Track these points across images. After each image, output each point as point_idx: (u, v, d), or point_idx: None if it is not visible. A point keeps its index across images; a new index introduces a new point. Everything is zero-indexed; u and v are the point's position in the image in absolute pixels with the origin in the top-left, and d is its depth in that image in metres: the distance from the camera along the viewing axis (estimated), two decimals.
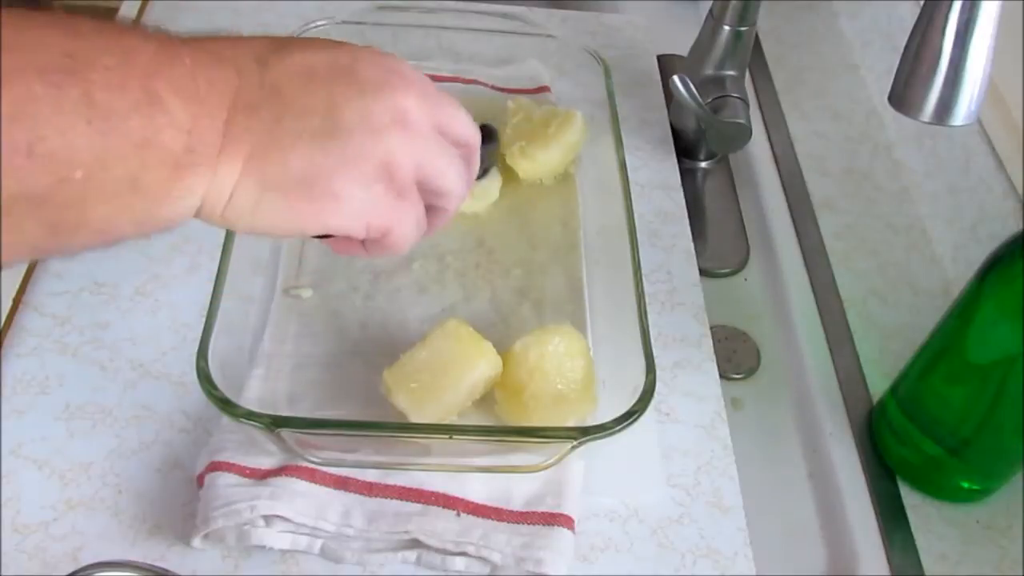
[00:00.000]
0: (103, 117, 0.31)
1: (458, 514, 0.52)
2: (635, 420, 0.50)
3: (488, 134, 0.61)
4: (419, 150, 0.41)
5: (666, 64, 0.86)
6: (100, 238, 0.34)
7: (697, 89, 0.71)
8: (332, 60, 0.39)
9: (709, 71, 0.74)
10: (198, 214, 0.37)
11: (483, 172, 0.63)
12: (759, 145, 0.80)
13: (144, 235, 0.35)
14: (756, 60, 0.87)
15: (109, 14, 0.84)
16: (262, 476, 0.51)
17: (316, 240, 0.44)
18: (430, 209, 0.44)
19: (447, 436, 0.51)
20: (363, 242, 0.43)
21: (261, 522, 0.50)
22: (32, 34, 0.30)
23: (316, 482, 0.52)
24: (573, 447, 0.50)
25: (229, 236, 0.56)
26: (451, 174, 0.43)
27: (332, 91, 0.38)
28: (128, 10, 0.83)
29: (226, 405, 0.49)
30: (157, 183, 0.34)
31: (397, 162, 0.39)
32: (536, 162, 0.69)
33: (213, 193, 0.36)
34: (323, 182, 0.38)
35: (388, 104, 0.39)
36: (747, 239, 0.75)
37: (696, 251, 0.69)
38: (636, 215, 0.61)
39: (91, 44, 0.32)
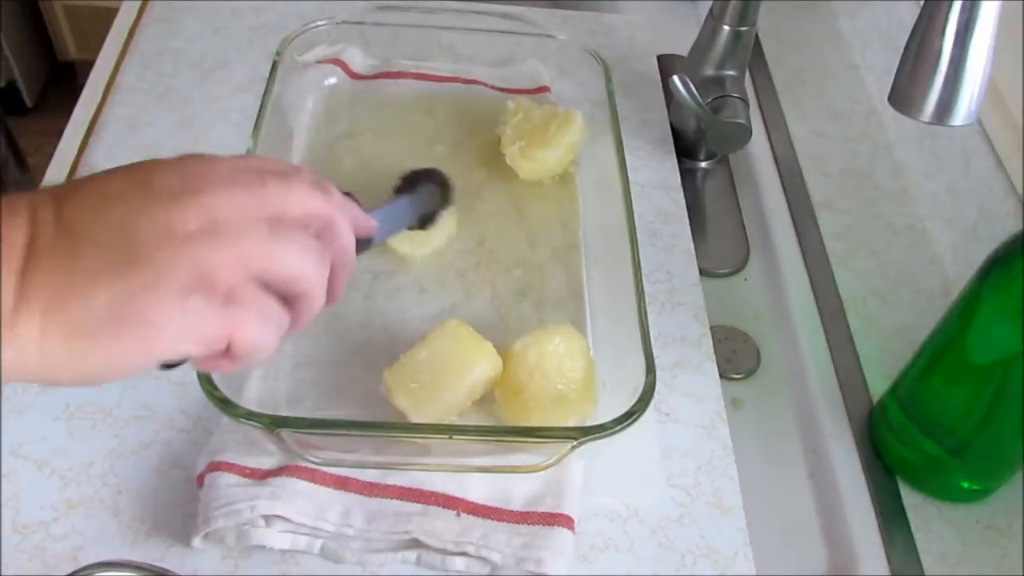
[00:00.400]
0: None
1: (458, 514, 0.52)
2: (635, 420, 0.50)
3: (425, 176, 0.58)
4: (239, 248, 0.36)
5: (666, 64, 0.86)
6: None
7: (697, 89, 0.71)
8: (127, 179, 0.36)
9: (709, 71, 0.74)
10: (13, 377, 0.34)
11: (427, 219, 0.59)
12: (759, 145, 0.80)
13: None
14: (756, 60, 0.87)
15: (109, 14, 0.85)
16: (262, 476, 0.51)
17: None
18: (294, 299, 0.39)
19: (447, 436, 0.51)
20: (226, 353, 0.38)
21: (261, 522, 0.50)
22: None
23: (316, 482, 0.52)
24: (573, 447, 0.50)
25: None
26: (290, 260, 0.38)
27: (126, 212, 0.35)
28: (128, 10, 0.83)
29: (226, 405, 0.49)
30: None
31: (212, 269, 0.35)
32: (536, 162, 0.69)
33: (20, 355, 0.33)
34: (133, 313, 0.34)
35: (189, 209, 0.36)
36: (747, 239, 0.75)
37: (696, 251, 0.69)
38: (636, 215, 0.61)
39: None
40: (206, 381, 0.49)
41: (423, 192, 0.58)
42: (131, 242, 0.34)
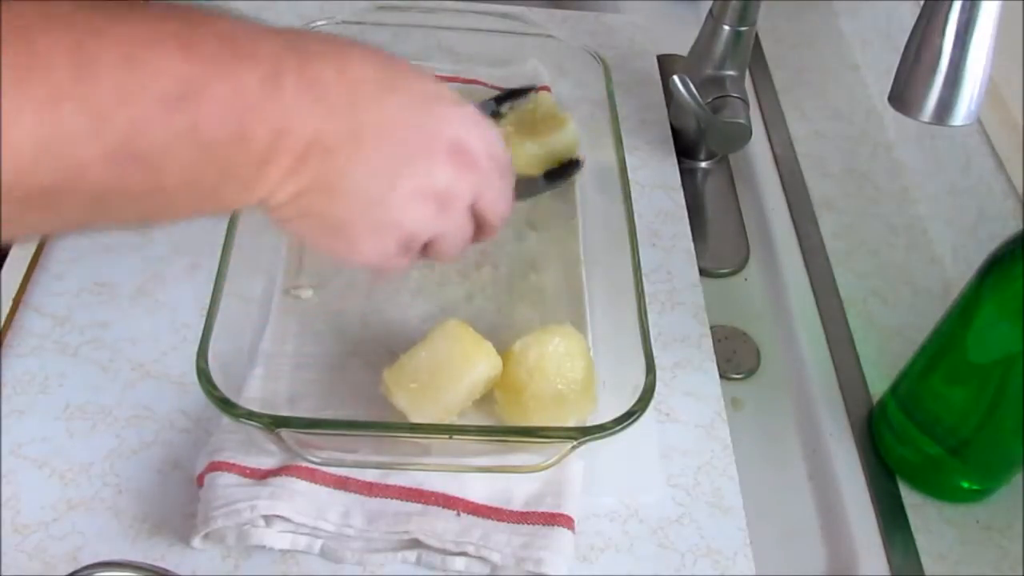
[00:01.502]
0: (203, 146, 0.35)
1: (458, 514, 0.52)
2: (635, 420, 0.50)
3: (570, 170, 0.69)
4: (441, 228, 0.45)
5: (666, 64, 0.86)
6: (172, 222, 0.40)
7: (697, 89, 0.71)
8: (418, 125, 0.42)
9: (709, 71, 0.74)
10: (248, 205, 0.41)
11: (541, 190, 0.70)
12: (759, 145, 0.80)
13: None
14: (756, 60, 0.87)
15: None
16: (262, 476, 0.51)
17: None
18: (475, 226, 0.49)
19: (447, 436, 0.51)
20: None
21: (261, 522, 0.50)
22: (154, 54, 0.33)
23: (316, 482, 0.52)
24: (573, 447, 0.50)
25: (229, 236, 0.56)
26: (453, 248, 0.48)
27: (401, 159, 0.42)
28: None
29: (226, 405, 0.49)
30: (231, 194, 0.38)
31: (419, 236, 0.45)
32: (515, 153, 0.68)
33: (267, 201, 0.40)
34: (351, 235, 0.43)
35: (442, 184, 0.43)
36: (747, 239, 0.75)
37: (696, 251, 0.69)
38: (636, 215, 0.61)
39: (207, 67, 0.34)
40: (206, 381, 0.49)
41: (565, 181, 0.68)
42: (391, 186, 0.42)
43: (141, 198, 0.35)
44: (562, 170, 0.69)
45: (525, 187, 0.56)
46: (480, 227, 0.49)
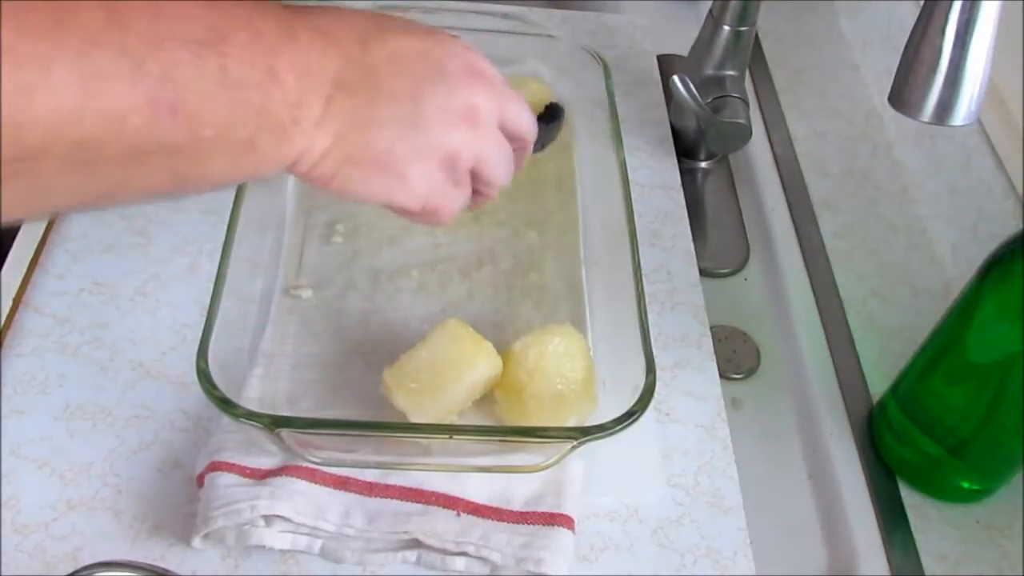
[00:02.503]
0: (234, 87, 0.36)
1: (458, 514, 0.52)
2: (635, 420, 0.50)
3: (555, 114, 0.63)
4: (481, 145, 0.46)
5: (666, 64, 0.86)
6: (208, 187, 0.39)
7: (697, 89, 0.71)
8: (424, 51, 0.44)
9: (709, 71, 0.74)
10: (289, 169, 0.41)
11: (541, 147, 0.63)
12: (759, 145, 0.80)
13: (240, 182, 0.41)
14: (756, 60, 0.87)
15: None
16: (262, 476, 0.51)
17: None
18: (474, 191, 0.49)
19: (447, 436, 0.51)
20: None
21: (261, 522, 0.50)
22: (179, 5, 0.34)
23: (316, 482, 0.52)
24: (573, 447, 0.50)
25: (229, 236, 0.56)
26: (501, 169, 0.48)
27: (420, 82, 0.43)
28: None
29: (226, 405, 0.49)
30: (268, 146, 0.39)
31: (461, 155, 0.45)
32: None
33: (306, 157, 0.41)
34: (397, 165, 0.43)
35: (464, 101, 0.44)
36: (747, 239, 0.75)
37: (696, 251, 0.69)
38: (636, 215, 0.61)
39: (227, 18, 0.36)
40: (206, 381, 0.49)
41: (555, 126, 0.62)
42: (417, 112, 0.43)
43: (179, 152, 0.36)
44: (548, 115, 0.63)
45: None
46: (512, 141, 0.50)
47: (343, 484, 0.52)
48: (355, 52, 0.42)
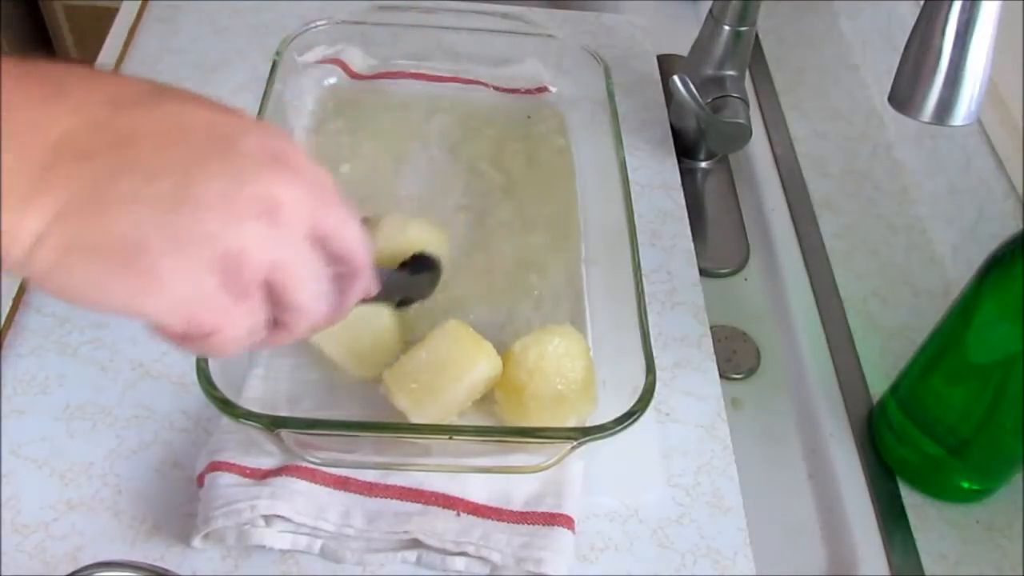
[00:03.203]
0: None
1: (458, 514, 0.52)
2: (635, 420, 0.50)
3: (428, 265, 0.56)
4: (280, 251, 0.34)
5: (666, 64, 0.86)
6: None
7: (697, 89, 0.71)
8: (211, 122, 0.34)
9: (709, 71, 0.74)
10: None
11: (400, 302, 0.55)
12: (759, 145, 0.80)
13: None
14: (756, 60, 0.87)
15: (109, 14, 0.84)
16: (262, 476, 0.51)
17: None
18: (275, 322, 0.37)
19: (447, 436, 0.51)
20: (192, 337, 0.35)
21: (261, 522, 0.50)
22: None
23: (316, 482, 0.52)
24: (573, 447, 0.50)
25: None
26: (308, 290, 0.36)
27: (196, 157, 0.32)
28: (128, 10, 0.83)
29: (226, 405, 0.49)
30: None
31: (248, 257, 0.33)
32: None
33: (11, 244, 0.31)
34: (145, 259, 0.31)
35: (260, 190, 0.33)
36: (747, 239, 0.75)
37: (696, 251, 0.69)
38: (636, 215, 0.61)
39: None
40: (206, 381, 0.49)
41: (423, 278, 0.56)
42: (187, 194, 0.32)
43: None
44: (415, 264, 0.55)
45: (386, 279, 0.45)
46: (335, 264, 0.38)
47: (343, 484, 0.52)
48: (102, 113, 0.32)
